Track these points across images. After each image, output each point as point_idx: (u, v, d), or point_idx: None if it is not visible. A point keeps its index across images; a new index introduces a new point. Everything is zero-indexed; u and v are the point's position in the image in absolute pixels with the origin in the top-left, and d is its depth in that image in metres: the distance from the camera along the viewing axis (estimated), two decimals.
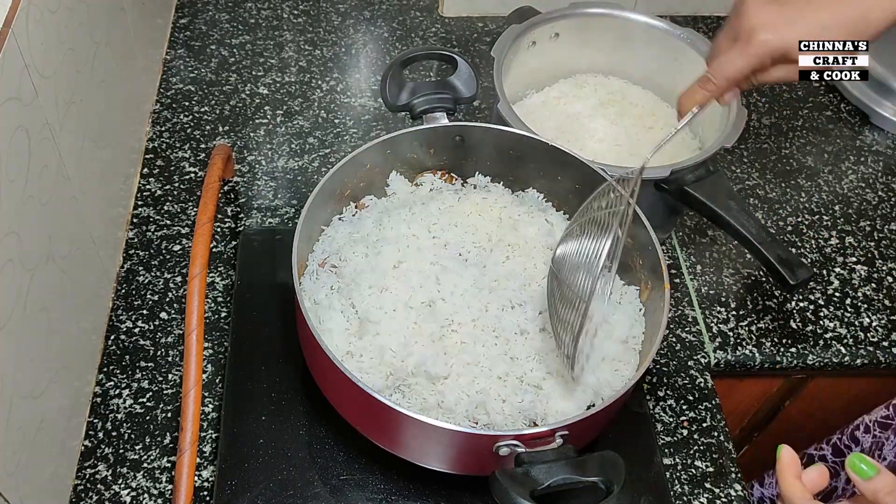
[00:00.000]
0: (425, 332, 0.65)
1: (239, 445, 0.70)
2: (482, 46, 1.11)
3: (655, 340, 0.66)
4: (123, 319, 0.79)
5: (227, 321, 0.80)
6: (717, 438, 0.76)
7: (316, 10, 1.13)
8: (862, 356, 0.84)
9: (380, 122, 0.99)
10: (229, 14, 1.11)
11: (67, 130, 0.67)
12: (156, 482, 0.69)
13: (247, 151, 0.95)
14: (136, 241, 0.85)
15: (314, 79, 1.04)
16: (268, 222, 0.88)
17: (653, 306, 0.70)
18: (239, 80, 1.02)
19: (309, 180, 0.92)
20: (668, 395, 0.79)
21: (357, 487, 0.69)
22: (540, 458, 0.56)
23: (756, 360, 0.83)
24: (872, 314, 0.87)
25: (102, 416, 0.73)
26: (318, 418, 0.72)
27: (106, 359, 0.76)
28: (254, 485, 0.68)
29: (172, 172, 0.91)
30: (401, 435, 0.63)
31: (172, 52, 1.05)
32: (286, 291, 0.79)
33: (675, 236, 0.92)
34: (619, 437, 0.73)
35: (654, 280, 0.71)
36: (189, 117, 0.97)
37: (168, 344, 0.78)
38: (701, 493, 0.73)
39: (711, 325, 0.85)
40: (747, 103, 1.07)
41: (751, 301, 0.87)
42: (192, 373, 0.63)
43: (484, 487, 0.57)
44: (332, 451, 0.71)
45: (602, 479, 0.55)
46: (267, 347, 0.76)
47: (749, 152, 1.01)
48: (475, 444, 0.59)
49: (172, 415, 0.73)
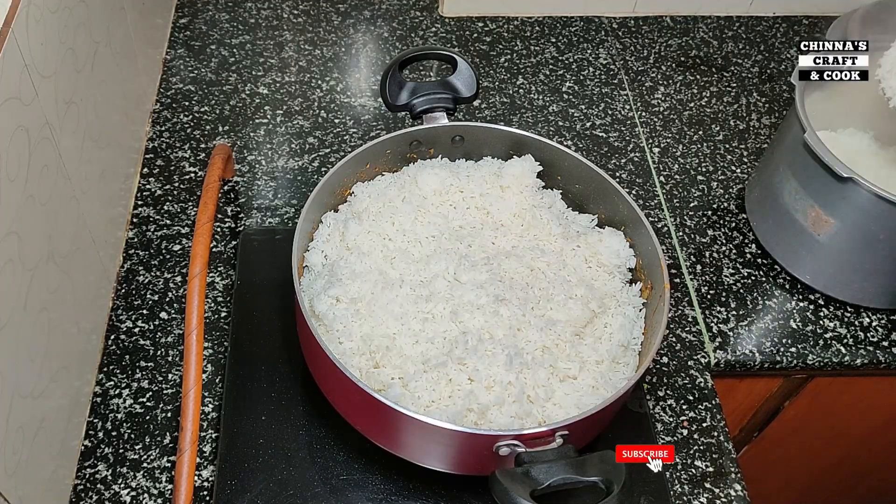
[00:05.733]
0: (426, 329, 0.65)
1: (239, 445, 0.70)
2: (482, 46, 1.11)
3: (655, 340, 0.66)
4: (123, 319, 0.79)
5: (227, 321, 0.80)
6: (717, 438, 0.76)
7: (316, 10, 1.13)
8: (862, 356, 0.84)
9: (380, 121, 0.99)
10: (229, 14, 1.11)
11: (67, 130, 0.67)
12: (156, 482, 0.69)
13: (247, 151, 0.95)
14: (136, 241, 0.85)
15: (314, 79, 1.04)
16: (268, 222, 0.88)
17: (653, 306, 0.71)
18: (239, 80, 1.02)
19: (309, 180, 0.92)
20: (668, 395, 0.79)
21: (357, 487, 0.69)
22: (540, 458, 0.56)
23: (756, 360, 0.83)
24: (872, 314, 0.87)
25: (102, 416, 0.73)
26: (318, 418, 0.72)
27: (106, 359, 0.76)
28: (254, 485, 0.68)
29: (172, 172, 0.91)
30: (401, 435, 0.63)
31: (172, 52, 1.05)
32: (286, 291, 0.79)
33: (675, 236, 0.92)
34: (619, 437, 0.73)
35: (654, 280, 0.71)
36: (189, 117, 0.97)
37: (168, 344, 0.78)
38: (701, 492, 0.73)
39: (711, 325, 0.85)
40: (747, 103, 1.07)
41: (751, 301, 0.87)
42: (192, 373, 0.63)
43: (484, 487, 0.57)
44: (332, 451, 0.71)
45: (602, 479, 0.55)
46: (267, 347, 0.76)
47: (749, 152, 1.01)
48: (475, 444, 0.59)
49: (172, 415, 0.73)
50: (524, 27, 1.14)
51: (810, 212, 0.82)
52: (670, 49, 1.13)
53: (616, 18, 1.17)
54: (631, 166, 0.98)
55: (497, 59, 1.09)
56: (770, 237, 0.90)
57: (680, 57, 1.13)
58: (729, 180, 0.98)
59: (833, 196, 0.79)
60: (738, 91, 1.09)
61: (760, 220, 0.91)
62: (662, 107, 1.06)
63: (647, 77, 1.09)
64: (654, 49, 1.13)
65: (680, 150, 1.01)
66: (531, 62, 1.09)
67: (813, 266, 0.86)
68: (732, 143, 1.02)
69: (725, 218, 0.94)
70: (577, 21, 1.16)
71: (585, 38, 1.13)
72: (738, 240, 0.92)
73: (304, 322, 0.63)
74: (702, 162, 1.00)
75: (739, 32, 1.17)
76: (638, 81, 1.09)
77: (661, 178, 0.97)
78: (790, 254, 0.87)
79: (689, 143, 1.02)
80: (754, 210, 0.92)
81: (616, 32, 1.15)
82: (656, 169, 0.98)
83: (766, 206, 0.89)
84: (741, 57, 1.13)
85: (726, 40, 1.16)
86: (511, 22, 1.14)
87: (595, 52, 1.11)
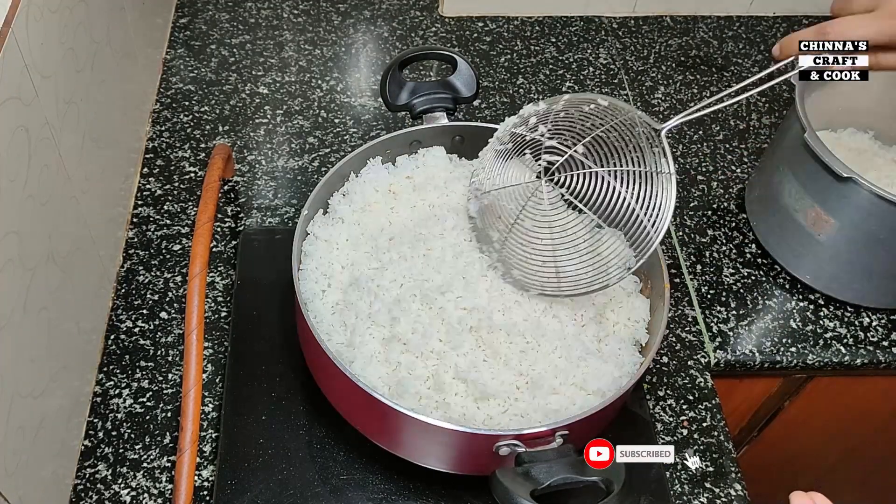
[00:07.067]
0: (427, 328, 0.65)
1: (239, 445, 0.70)
2: (482, 46, 1.11)
3: (655, 340, 0.66)
4: (123, 319, 0.79)
5: (227, 321, 0.80)
6: (717, 438, 0.76)
7: (316, 9, 1.13)
8: (862, 356, 0.84)
9: (380, 121, 0.99)
10: (229, 14, 1.11)
11: (67, 130, 0.67)
12: (156, 482, 0.69)
13: (247, 151, 0.95)
14: (136, 241, 0.85)
15: (314, 78, 1.04)
16: (268, 222, 0.88)
17: (653, 306, 0.71)
18: (239, 80, 1.02)
19: (309, 180, 0.92)
20: (668, 394, 0.79)
21: (357, 487, 0.69)
22: (540, 458, 0.57)
23: (756, 360, 0.83)
24: (872, 314, 0.87)
25: (102, 416, 0.73)
26: (318, 418, 0.72)
27: (106, 358, 0.76)
28: (254, 485, 0.68)
29: (172, 172, 0.91)
30: (401, 435, 0.63)
31: (172, 52, 1.05)
32: (286, 291, 0.79)
33: (675, 236, 0.92)
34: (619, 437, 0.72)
35: (654, 280, 0.71)
36: (189, 117, 0.97)
37: (168, 343, 0.78)
38: (701, 492, 0.73)
39: (711, 325, 0.85)
40: (747, 102, 1.07)
41: (751, 301, 0.87)
42: (192, 372, 0.63)
43: (484, 487, 0.57)
44: (332, 451, 0.71)
45: (602, 478, 0.55)
46: (267, 347, 0.76)
47: (749, 152, 1.01)
48: (475, 444, 0.59)
49: (172, 414, 0.73)
50: (524, 27, 1.14)
51: (810, 212, 0.82)
52: (670, 49, 1.13)
53: (616, 18, 1.17)
54: None
55: (497, 59, 1.09)
56: (770, 237, 0.90)
57: (680, 57, 1.13)
58: (729, 180, 0.98)
59: (833, 196, 0.79)
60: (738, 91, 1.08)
61: (760, 219, 0.91)
62: (662, 107, 1.06)
63: (647, 77, 1.09)
64: (654, 49, 1.13)
65: (680, 150, 1.01)
66: (531, 62, 1.09)
67: (813, 266, 0.86)
68: (732, 143, 1.02)
69: (725, 218, 0.94)
70: (577, 21, 1.16)
71: (585, 38, 1.13)
72: (738, 240, 0.92)
73: (304, 322, 0.63)
74: (702, 162, 1.00)
75: (739, 32, 1.17)
76: (638, 81, 1.09)
77: None
78: (790, 254, 0.87)
79: (689, 142, 1.02)
80: (754, 210, 0.92)
81: (616, 32, 1.15)
82: None
83: (766, 206, 0.89)
84: (741, 57, 1.13)
85: (726, 40, 1.16)
86: (511, 22, 1.14)
87: (595, 52, 1.11)
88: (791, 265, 0.88)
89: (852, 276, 0.84)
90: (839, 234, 0.81)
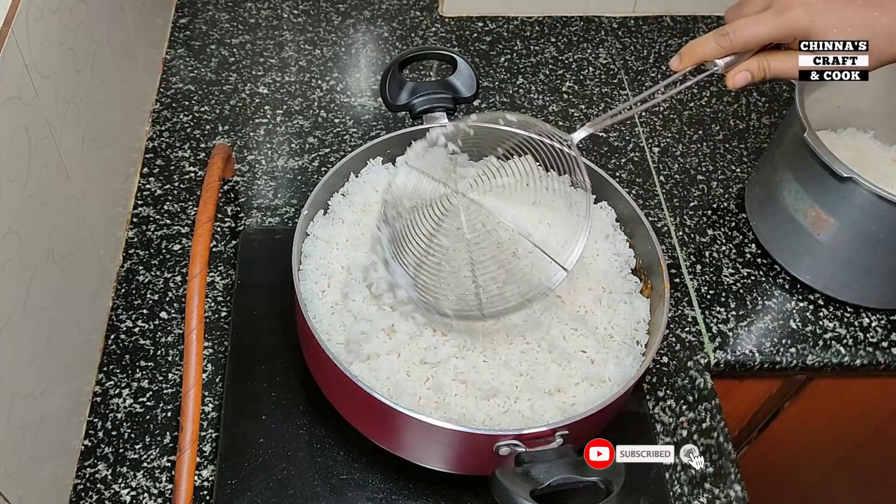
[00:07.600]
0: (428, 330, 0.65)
1: (239, 445, 0.70)
2: (482, 46, 1.11)
3: (655, 340, 0.66)
4: (123, 319, 0.79)
5: (227, 321, 0.80)
6: (717, 439, 0.76)
7: (316, 9, 1.13)
8: (862, 356, 0.84)
9: (380, 121, 0.99)
10: (229, 14, 1.11)
11: (67, 130, 0.67)
12: (156, 482, 0.69)
13: (247, 151, 0.95)
14: (136, 241, 0.85)
15: (314, 78, 1.04)
16: (268, 222, 0.88)
17: (653, 306, 0.71)
18: (239, 80, 1.02)
19: (309, 180, 0.92)
20: (667, 395, 0.79)
21: (357, 487, 0.69)
22: (540, 458, 0.57)
23: (756, 360, 0.83)
24: (872, 314, 0.87)
25: (102, 416, 0.73)
26: (318, 418, 0.72)
27: (106, 358, 0.76)
28: (254, 485, 0.68)
29: (172, 172, 0.91)
30: (401, 435, 0.63)
31: (172, 52, 1.05)
32: (286, 291, 0.79)
33: (675, 236, 0.92)
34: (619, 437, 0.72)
35: (654, 280, 0.71)
36: (189, 117, 0.97)
37: (168, 343, 0.78)
38: (700, 493, 0.73)
39: (711, 325, 0.85)
40: (747, 102, 1.07)
41: (750, 301, 0.87)
42: (192, 372, 0.63)
43: (484, 487, 0.57)
44: (332, 451, 0.71)
45: (602, 479, 0.55)
46: (267, 347, 0.76)
47: (749, 152, 1.01)
48: (475, 443, 0.59)
49: (172, 414, 0.73)
50: (524, 27, 1.14)
51: (810, 212, 0.82)
52: (670, 49, 1.13)
53: (616, 18, 1.17)
54: (631, 166, 0.98)
55: (497, 58, 1.09)
56: (770, 237, 0.90)
57: None
58: (729, 180, 0.98)
59: (833, 196, 0.79)
60: (738, 90, 1.09)
61: (760, 219, 0.91)
62: (662, 106, 1.06)
63: (647, 77, 1.09)
64: (654, 49, 1.13)
65: (680, 150, 1.01)
66: (531, 62, 1.09)
67: (813, 266, 0.86)
68: (732, 143, 1.02)
69: (725, 217, 0.94)
70: (577, 21, 1.16)
71: (585, 37, 1.13)
72: (737, 239, 0.92)
73: (304, 322, 0.63)
74: (702, 161, 1.00)
75: None
76: (638, 81, 1.09)
77: (661, 177, 0.97)
78: (790, 254, 0.87)
79: (688, 142, 1.02)
80: (754, 210, 0.92)
81: (616, 32, 1.15)
82: (656, 168, 0.98)
83: (766, 206, 0.89)
84: None
85: None
86: (511, 22, 1.14)
87: (595, 52, 1.11)
88: (791, 265, 0.88)
89: (852, 276, 0.84)
90: (839, 234, 0.81)
